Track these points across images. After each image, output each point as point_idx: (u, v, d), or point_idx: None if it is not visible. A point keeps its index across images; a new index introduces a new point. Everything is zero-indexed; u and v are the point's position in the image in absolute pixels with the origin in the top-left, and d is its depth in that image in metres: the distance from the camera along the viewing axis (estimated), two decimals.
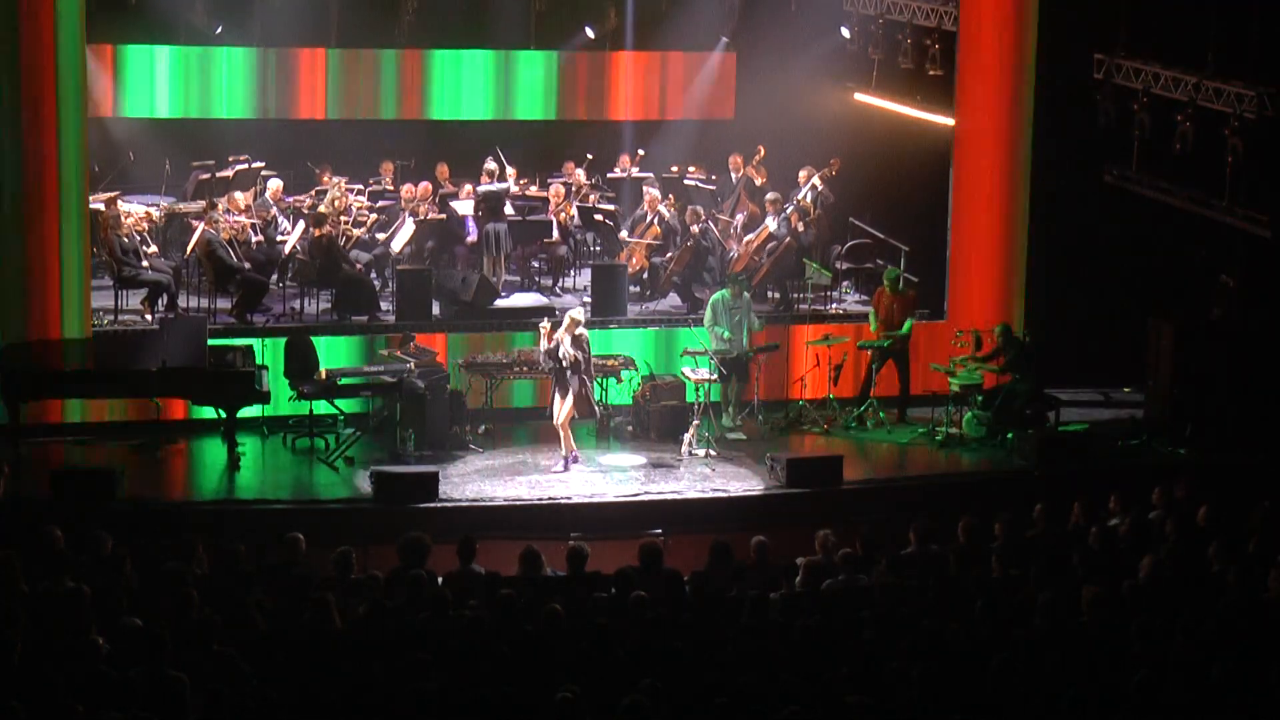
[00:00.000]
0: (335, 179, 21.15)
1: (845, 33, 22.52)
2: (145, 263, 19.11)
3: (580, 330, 16.78)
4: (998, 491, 16.69)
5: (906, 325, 18.67)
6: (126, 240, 18.98)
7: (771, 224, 20.26)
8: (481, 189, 20.70)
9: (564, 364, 16.65)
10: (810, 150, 21.51)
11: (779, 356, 18.84)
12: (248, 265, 19.24)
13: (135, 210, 20.11)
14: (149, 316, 18.83)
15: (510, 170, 21.71)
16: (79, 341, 17.31)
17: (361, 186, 21.65)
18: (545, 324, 16.87)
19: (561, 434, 16.88)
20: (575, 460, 16.94)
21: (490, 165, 21.00)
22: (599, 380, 17.70)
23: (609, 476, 16.86)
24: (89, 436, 17.55)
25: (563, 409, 16.76)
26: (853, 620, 11.21)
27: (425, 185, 21.30)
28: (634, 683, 9.57)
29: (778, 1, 22.86)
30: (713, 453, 17.32)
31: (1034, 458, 17.48)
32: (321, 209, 20.03)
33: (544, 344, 16.76)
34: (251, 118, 22.52)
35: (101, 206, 19.23)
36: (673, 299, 20.44)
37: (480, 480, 16.61)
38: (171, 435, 17.37)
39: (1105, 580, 11.83)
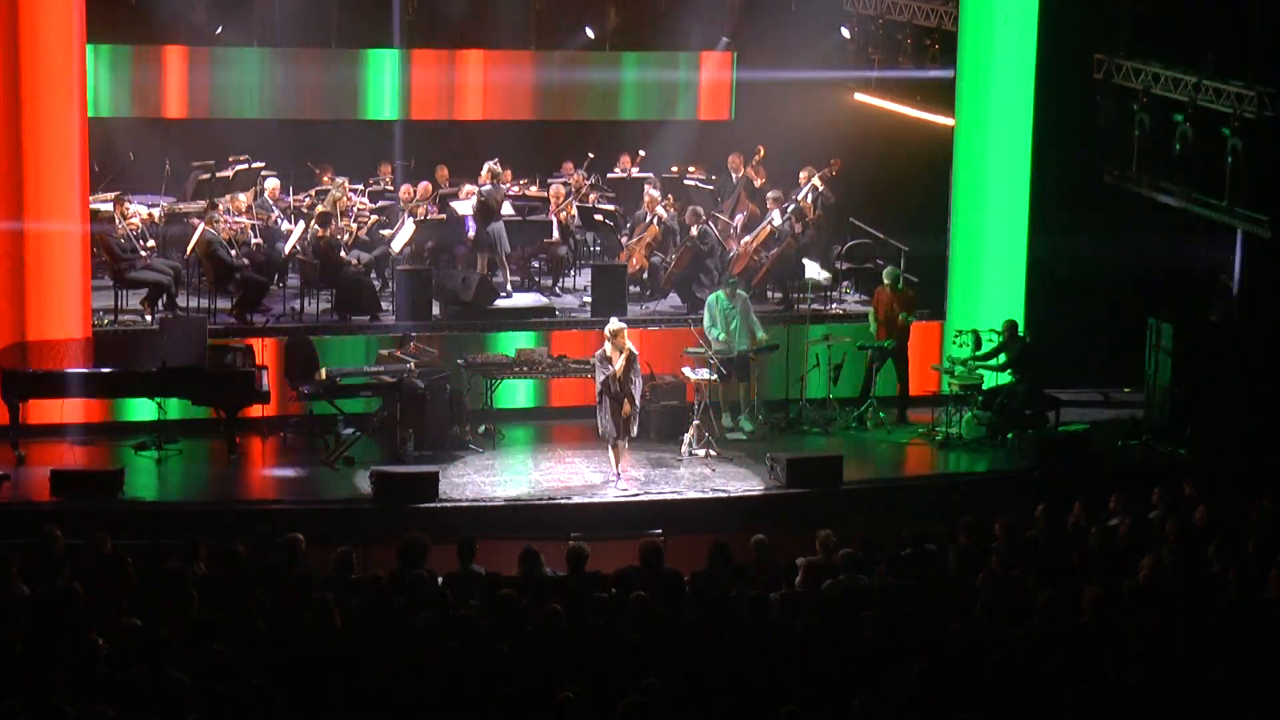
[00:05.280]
0: (338, 179, 21.13)
1: (845, 33, 22.52)
2: (144, 253, 19.07)
3: (630, 348, 16.41)
4: (998, 491, 16.69)
5: (909, 318, 18.66)
6: (125, 241, 18.97)
7: (776, 219, 20.23)
8: (484, 189, 20.62)
9: (623, 381, 16.32)
10: (810, 150, 21.49)
11: (779, 356, 18.83)
12: (247, 263, 19.23)
13: (139, 211, 20.08)
14: (149, 316, 18.82)
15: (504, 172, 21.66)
16: (79, 341, 17.31)
17: (361, 187, 21.64)
18: (615, 337, 16.30)
19: (614, 452, 16.57)
20: (619, 478, 16.63)
21: (495, 167, 20.93)
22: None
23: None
24: (89, 436, 17.56)
25: (614, 426, 16.37)
26: (853, 620, 11.20)
27: (425, 185, 21.29)
28: (634, 683, 9.57)
29: (778, 1, 22.87)
30: (713, 453, 17.32)
31: (1034, 458, 17.49)
32: (322, 209, 20.01)
33: (612, 363, 16.24)
34: (252, 118, 22.51)
35: (107, 207, 19.21)
36: (673, 299, 20.43)
37: (480, 480, 16.61)
38: (171, 435, 17.36)
39: (1105, 580, 11.83)
